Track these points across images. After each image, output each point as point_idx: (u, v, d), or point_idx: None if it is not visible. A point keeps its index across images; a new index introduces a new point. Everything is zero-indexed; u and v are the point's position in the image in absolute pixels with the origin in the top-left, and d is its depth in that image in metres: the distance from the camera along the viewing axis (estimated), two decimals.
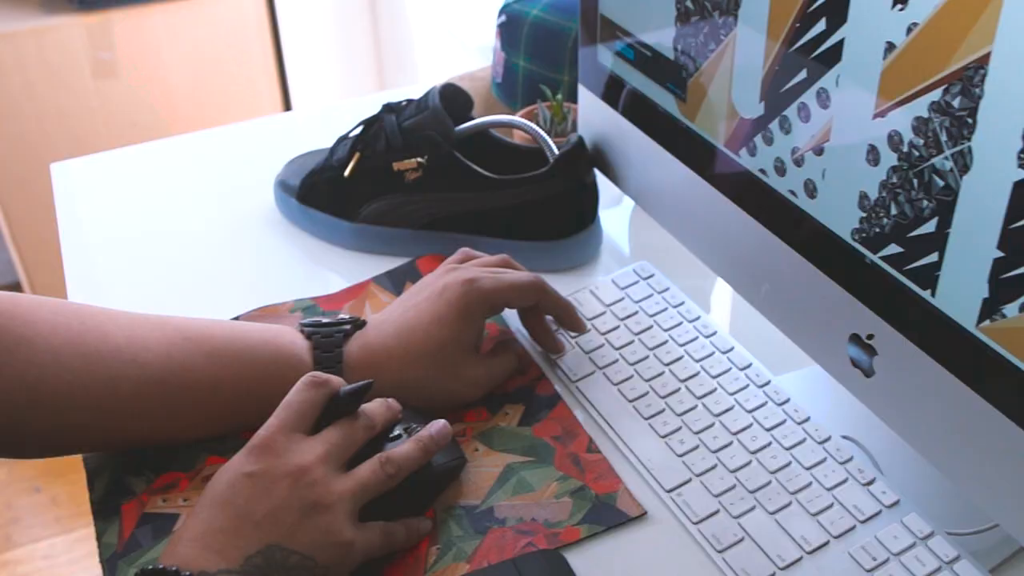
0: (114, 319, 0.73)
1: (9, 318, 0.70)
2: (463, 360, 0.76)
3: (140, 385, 0.71)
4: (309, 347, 0.74)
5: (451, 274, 0.77)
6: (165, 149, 1.15)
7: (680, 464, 0.72)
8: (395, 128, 0.90)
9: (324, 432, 0.66)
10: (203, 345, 0.73)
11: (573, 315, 0.80)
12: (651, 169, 0.84)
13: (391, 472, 0.66)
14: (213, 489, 0.63)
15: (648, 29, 0.79)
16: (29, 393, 0.69)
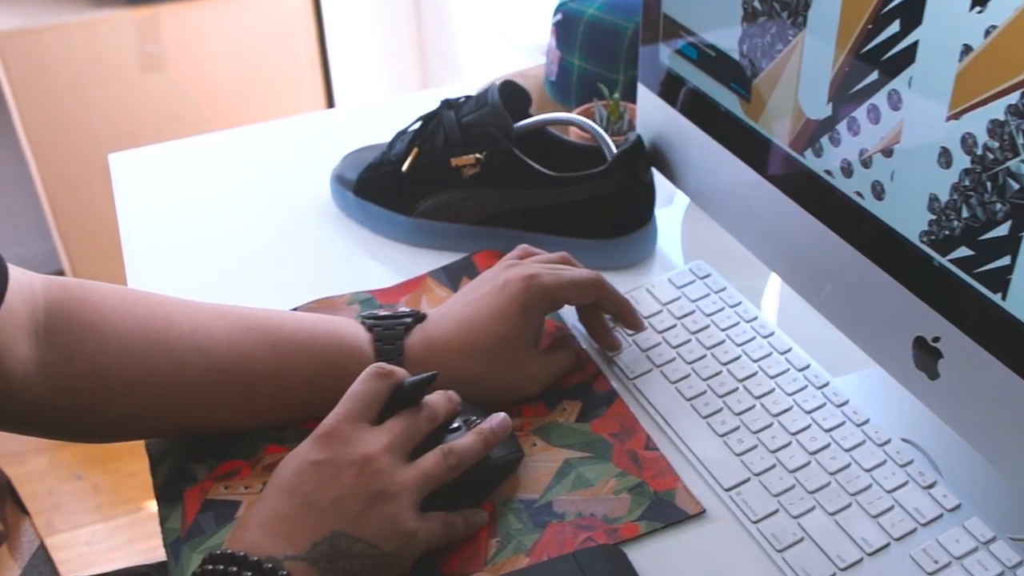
0: (180, 308, 0.74)
1: (80, 304, 0.72)
2: (522, 355, 0.76)
3: (205, 373, 0.72)
4: (371, 339, 0.75)
5: (512, 270, 0.77)
6: (219, 142, 1.16)
7: (738, 463, 0.72)
8: (454, 124, 0.91)
9: (389, 422, 0.66)
10: (267, 335, 0.74)
11: (632, 313, 0.80)
12: (711, 169, 0.84)
13: (453, 463, 0.66)
14: (280, 476, 0.64)
15: (713, 29, 0.79)
16: (99, 379, 0.70)
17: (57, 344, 0.70)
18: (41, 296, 0.72)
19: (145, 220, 1.03)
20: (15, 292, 0.69)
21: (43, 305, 0.71)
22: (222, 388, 0.73)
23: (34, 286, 0.72)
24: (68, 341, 0.70)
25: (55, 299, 0.72)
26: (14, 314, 0.69)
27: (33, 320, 0.70)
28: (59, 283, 0.73)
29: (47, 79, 2.17)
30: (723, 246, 0.92)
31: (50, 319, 0.71)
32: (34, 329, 0.70)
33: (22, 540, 0.61)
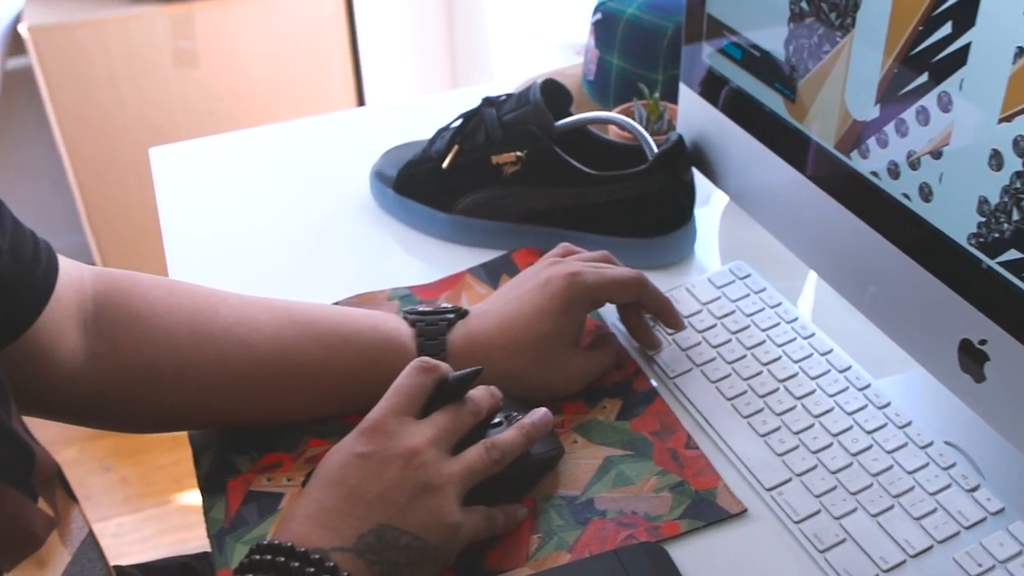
0: (225, 300, 0.75)
1: (128, 295, 0.72)
2: (563, 353, 0.76)
3: (249, 366, 0.73)
4: (413, 334, 0.76)
5: (554, 268, 0.78)
6: (256, 137, 1.17)
7: (780, 463, 0.72)
8: (495, 121, 0.91)
9: (433, 416, 0.67)
10: (310, 328, 0.74)
11: (673, 312, 0.81)
12: (753, 169, 0.84)
13: (496, 458, 0.67)
14: (325, 469, 0.64)
15: (758, 29, 0.79)
16: (144, 369, 0.71)
17: (104, 334, 0.71)
18: (90, 287, 0.72)
19: (185, 213, 1.04)
20: (64, 283, 0.70)
21: (91, 296, 0.72)
22: (265, 381, 0.73)
23: (83, 277, 0.73)
24: (115, 331, 0.71)
25: (103, 290, 0.73)
26: (64, 305, 0.69)
27: (82, 311, 0.71)
28: (107, 274, 0.74)
29: (81, 74, 2.19)
30: (760, 246, 0.92)
31: (98, 309, 0.72)
32: (83, 319, 0.71)
33: (72, 527, 0.62)
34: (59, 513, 0.60)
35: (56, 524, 0.60)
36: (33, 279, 0.67)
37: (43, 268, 0.68)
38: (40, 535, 0.58)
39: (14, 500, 0.56)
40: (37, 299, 0.67)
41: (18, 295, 0.66)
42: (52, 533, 0.59)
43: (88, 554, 0.63)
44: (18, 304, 0.66)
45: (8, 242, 0.66)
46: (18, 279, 0.66)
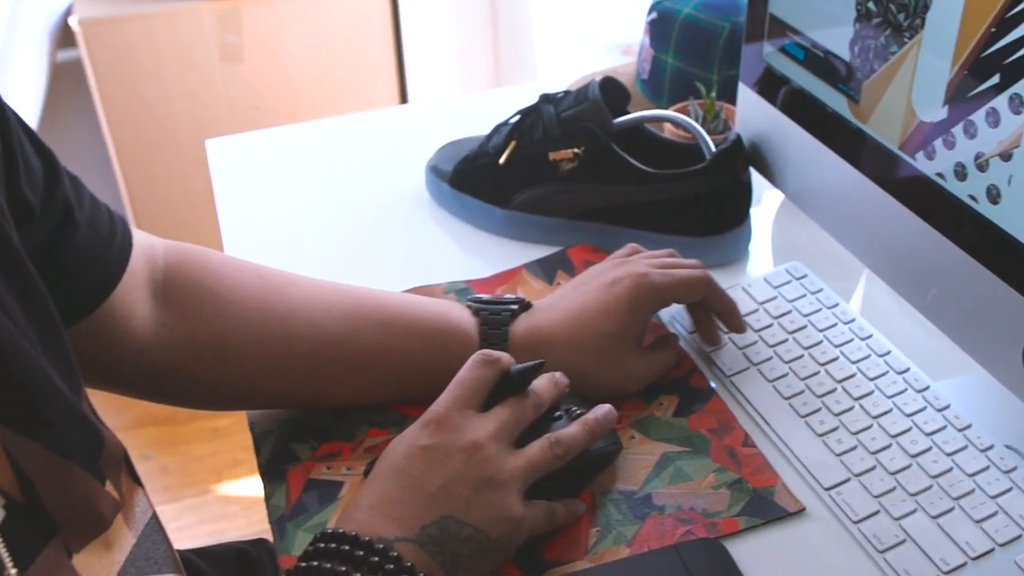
0: (293, 281, 0.76)
1: (199, 268, 0.74)
2: (625, 353, 0.76)
3: (315, 346, 0.74)
4: (477, 323, 0.76)
5: (621, 268, 0.78)
6: (310, 131, 1.18)
7: (838, 463, 0.72)
8: (553, 118, 0.92)
9: (496, 409, 0.67)
10: (376, 313, 0.75)
11: (736, 315, 0.81)
12: (813, 169, 0.84)
13: (559, 453, 0.67)
14: (389, 459, 0.65)
15: (822, 29, 0.79)
16: (212, 342, 0.73)
17: (174, 306, 0.73)
18: (161, 258, 0.74)
19: (242, 205, 1.05)
20: (137, 255, 0.71)
21: (163, 267, 0.74)
22: (330, 361, 0.74)
23: (154, 248, 0.74)
24: (185, 303, 0.73)
25: (174, 261, 0.74)
26: (137, 277, 0.71)
27: (153, 282, 0.73)
28: (178, 247, 0.76)
29: (129, 67, 2.21)
30: (814, 246, 0.92)
31: (168, 281, 0.73)
32: (153, 291, 0.72)
33: (136, 510, 0.63)
34: (124, 496, 0.61)
35: (121, 507, 0.61)
36: (110, 253, 0.69)
37: (119, 242, 0.70)
38: (108, 517, 0.59)
39: (84, 482, 0.57)
40: (114, 272, 0.69)
41: (97, 268, 0.68)
42: (118, 516, 0.60)
43: (152, 536, 0.63)
44: (97, 277, 0.68)
45: (87, 217, 0.67)
46: (97, 253, 0.68)
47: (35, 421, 0.53)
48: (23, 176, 0.61)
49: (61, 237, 0.65)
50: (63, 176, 0.66)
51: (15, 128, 0.62)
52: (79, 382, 0.58)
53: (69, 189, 0.67)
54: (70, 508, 0.55)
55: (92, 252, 0.67)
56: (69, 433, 0.55)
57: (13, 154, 0.60)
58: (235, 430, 2.22)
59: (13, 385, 0.51)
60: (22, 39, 2.05)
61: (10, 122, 0.61)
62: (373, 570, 0.58)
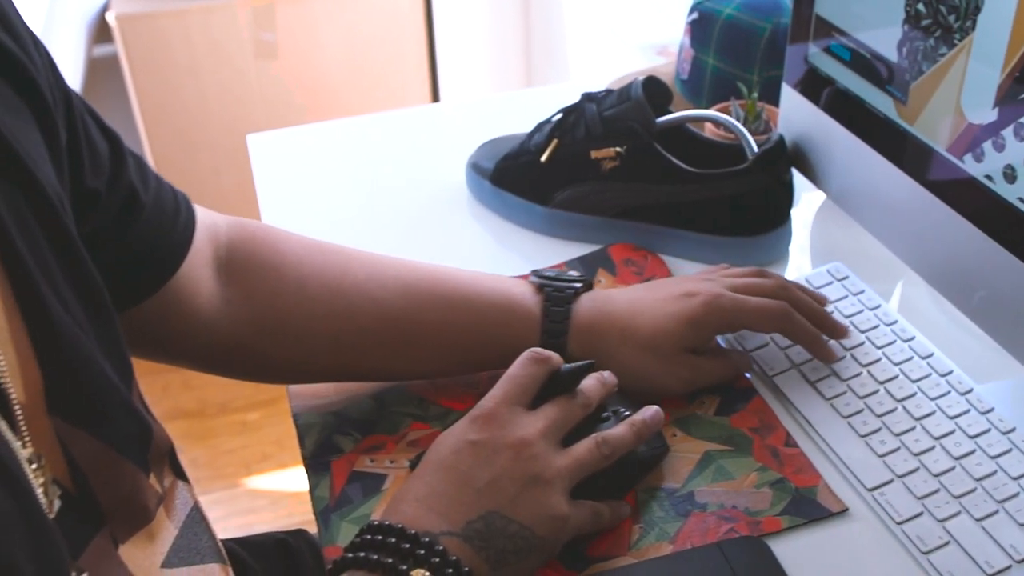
0: (355, 256, 0.77)
1: (261, 244, 0.75)
2: (678, 356, 0.76)
3: (376, 321, 0.75)
4: (540, 301, 0.76)
5: (700, 283, 0.77)
6: (350, 127, 1.19)
7: (881, 464, 0.72)
8: (595, 117, 0.92)
9: (544, 408, 0.67)
10: (437, 288, 0.76)
11: (821, 346, 0.78)
12: (857, 171, 0.84)
13: (606, 453, 0.67)
14: (437, 453, 0.65)
15: (870, 30, 0.79)
16: (276, 318, 0.74)
17: (238, 282, 0.74)
18: (224, 235, 0.75)
19: (283, 199, 1.05)
20: (201, 233, 0.73)
21: (226, 244, 0.75)
22: (391, 336, 0.75)
23: (217, 225, 0.75)
24: (248, 280, 0.74)
25: (237, 238, 0.75)
26: (201, 254, 0.72)
27: (216, 259, 0.74)
28: (241, 223, 0.77)
29: (164, 62, 2.23)
30: (854, 248, 0.92)
31: (232, 258, 0.74)
32: (217, 267, 0.74)
33: (176, 502, 0.63)
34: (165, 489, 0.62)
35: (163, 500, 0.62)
36: (174, 232, 0.70)
37: (183, 220, 0.71)
38: (152, 509, 0.60)
39: (133, 474, 0.58)
40: (178, 250, 0.70)
41: (162, 248, 0.69)
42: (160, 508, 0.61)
43: (194, 528, 0.64)
44: (162, 256, 0.69)
45: (151, 197, 0.69)
46: (162, 232, 0.69)
47: (89, 413, 0.54)
48: (87, 164, 0.62)
49: (127, 218, 0.66)
50: (128, 157, 0.67)
51: (79, 114, 0.63)
52: (131, 374, 0.59)
53: (134, 170, 0.68)
54: (118, 500, 0.56)
55: (157, 232, 0.69)
56: (121, 426, 0.56)
57: (78, 144, 0.61)
58: (264, 424, 2.23)
59: (70, 378, 0.52)
60: (60, 34, 2.07)
61: (75, 110, 0.62)
62: (419, 563, 0.58)
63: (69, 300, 0.53)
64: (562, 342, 0.75)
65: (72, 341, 0.52)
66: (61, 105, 0.59)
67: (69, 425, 0.52)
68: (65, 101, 0.60)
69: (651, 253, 0.93)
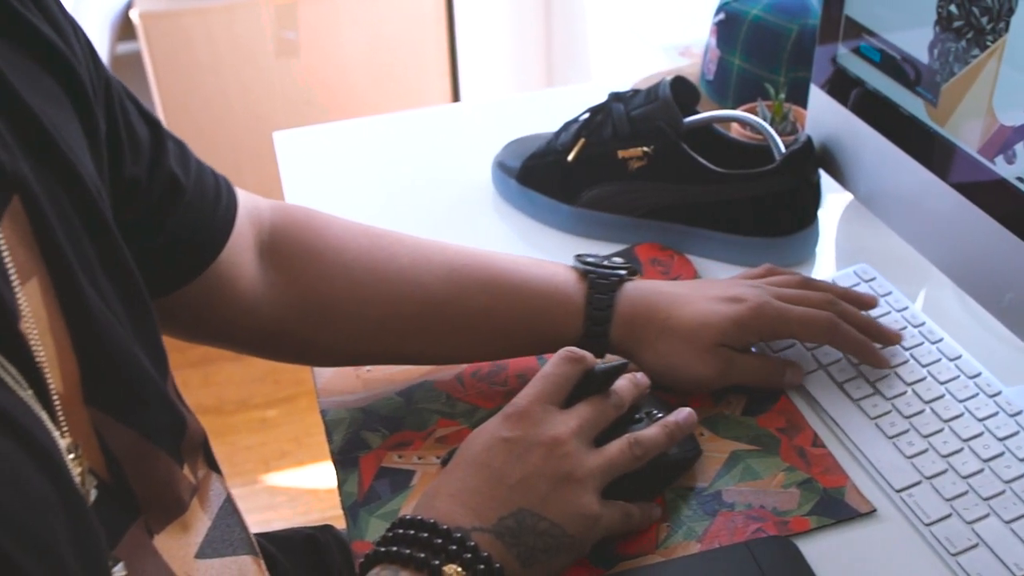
0: (400, 240, 0.77)
1: (305, 229, 0.75)
2: (716, 349, 0.75)
3: (422, 307, 0.75)
4: (584, 288, 0.76)
5: (749, 289, 0.76)
6: (377, 125, 1.19)
7: (909, 466, 0.72)
8: (623, 116, 0.92)
9: (577, 407, 0.68)
10: (482, 273, 0.76)
11: (871, 354, 0.77)
12: (885, 172, 0.84)
13: (638, 454, 0.67)
14: (469, 450, 0.65)
15: (900, 31, 0.79)
16: (320, 303, 0.74)
17: (281, 267, 0.74)
18: (267, 220, 0.75)
19: (307, 196, 1.06)
20: (243, 217, 0.73)
21: (268, 228, 0.75)
22: (435, 321, 0.75)
23: (259, 209, 0.76)
24: (292, 264, 0.74)
25: (280, 222, 0.76)
26: (244, 238, 0.73)
27: (259, 243, 0.74)
28: (284, 207, 0.77)
29: (187, 60, 2.24)
30: (880, 249, 0.92)
31: (275, 242, 0.75)
32: (260, 252, 0.74)
33: (210, 493, 0.64)
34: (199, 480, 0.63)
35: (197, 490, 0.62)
36: (216, 216, 0.70)
37: (224, 204, 0.71)
38: (186, 500, 0.60)
39: (167, 465, 0.58)
40: (220, 235, 0.71)
41: (203, 232, 0.70)
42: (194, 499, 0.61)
43: (227, 519, 0.65)
44: (204, 240, 0.70)
45: (192, 182, 0.69)
46: (203, 217, 0.70)
47: (125, 404, 0.54)
48: (127, 152, 0.62)
49: (168, 204, 0.67)
50: (168, 142, 0.68)
51: (119, 100, 0.63)
52: (166, 365, 0.60)
53: (174, 155, 0.68)
54: (153, 490, 0.56)
55: (198, 216, 0.69)
56: (156, 416, 0.57)
57: (117, 132, 0.61)
58: (282, 421, 2.24)
59: (107, 368, 0.53)
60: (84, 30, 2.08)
61: (114, 98, 0.62)
62: (451, 558, 0.58)
63: (106, 291, 0.53)
64: (604, 330, 0.75)
65: (109, 332, 0.52)
66: (101, 94, 0.60)
67: (105, 415, 0.52)
68: (105, 89, 0.61)
69: (677, 253, 0.93)
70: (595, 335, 0.75)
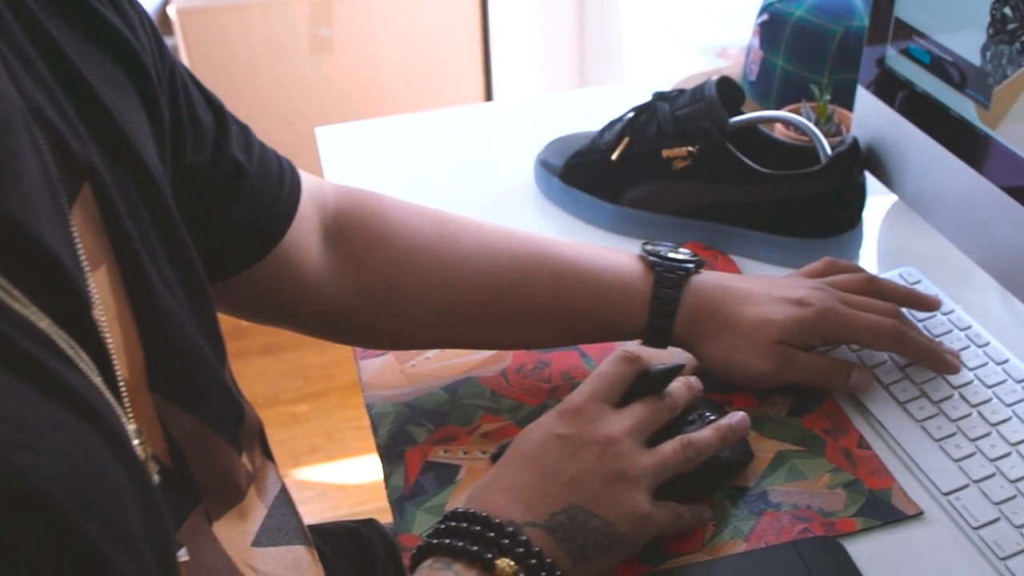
0: (466, 227, 0.77)
1: (370, 214, 0.76)
2: (775, 346, 0.74)
3: (484, 294, 0.75)
4: (650, 281, 0.76)
5: (816, 292, 0.75)
6: (418, 122, 1.19)
7: (956, 469, 0.71)
8: (668, 116, 0.92)
9: (632, 407, 0.68)
10: (546, 262, 0.76)
11: (939, 360, 0.76)
12: (934, 175, 0.84)
13: (691, 456, 0.67)
14: (523, 445, 0.65)
15: (952, 33, 0.79)
16: (384, 287, 0.75)
17: (345, 251, 0.75)
18: (332, 203, 0.76)
19: None
20: (307, 200, 0.73)
21: (333, 212, 0.76)
22: (498, 309, 0.76)
23: (324, 192, 0.76)
24: (356, 249, 0.75)
25: (345, 207, 0.76)
26: (308, 220, 0.73)
27: (324, 227, 0.75)
28: (349, 191, 0.77)
29: (223, 56, 2.25)
30: (924, 251, 0.91)
31: (339, 226, 0.75)
32: (324, 235, 0.75)
33: (266, 482, 0.65)
34: (256, 468, 0.63)
35: (254, 478, 0.63)
36: (280, 199, 0.71)
37: (288, 188, 0.72)
38: (243, 488, 0.61)
39: (226, 453, 0.59)
40: (283, 218, 0.71)
41: (268, 215, 0.70)
42: (251, 487, 0.62)
43: (282, 508, 0.65)
44: (267, 224, 0.70)
45: (256, 166, 0.69)
46: (267, 201, 0.70)
47: (187, 391, 0.55)
48: (190, 140, 0.63)
49: (231, 189, 0.67)
50: (231, 127, 0.68)
51: (182, 87, 0.63)
52: (224, 354, 0.60)
53: (238, 140, 0.69)
54: (212, 477, 0.57)
55: (262, 201, 0.70)
56: (216, 404, 0.57)
57: (180, 120, 0.62)
58: (312, 416, 2.25)
59: (171, 356, 0.53)
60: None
61: (179, 87, 0.63)
62: (503, 552, 0.59)
63: (170, 280, 0.54)
64: (669, 324, 0.75)
65: (173, 320, 0.53)
66: (166, 82, 0.60)
67: (168, 402, 0.53)
68: (169, 76, 0.61)
69: (721, 253, 0.93)
70: (659, 329, 0.75)
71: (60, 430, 0.38)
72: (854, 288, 0.78)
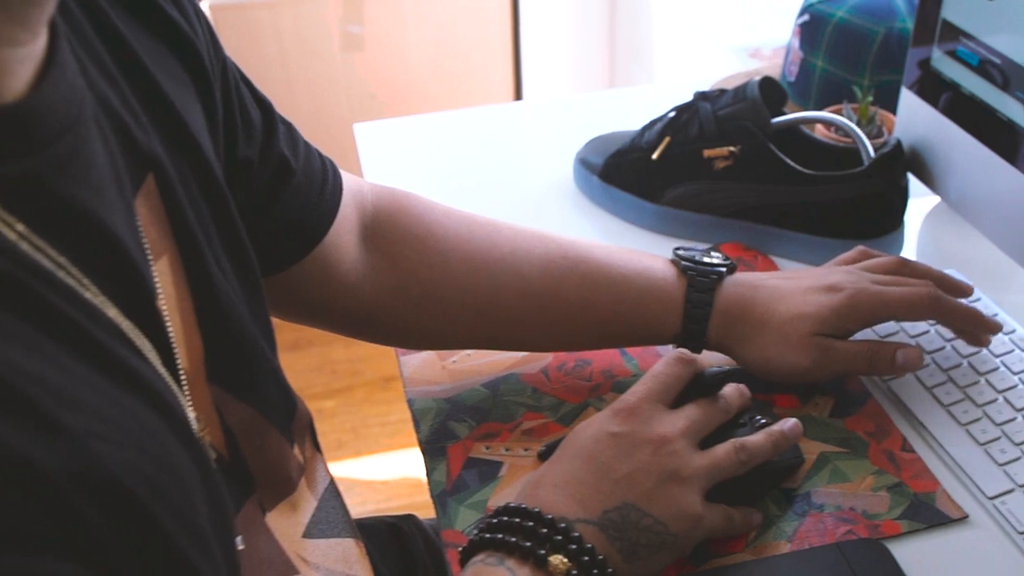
0: (500, 229, 0.78)
1: (406, 214, 0.76)
2: (812, 339, 0.74)
3: (518, 296, 0.76)
4: (683, 285, 0.76)
5: (845, 276, 0.75)
6: (456, 120, 1.20)
7: (1001, 473, 0.71)
8: (710, 116, 0.92)
9: (686, 408, 0.68)
10: (580, 265, 0.76)
11: (979, 325, 0.76)
12: (980, 177, 0.83)
13: (744, 459, 0.67)
14: (576, 442, 0.66)
15: (1001, 35, 0.78)
16: (419, 288, 0.75)
17: (382, 251, 0.75)
18: (370, 203, 0.76)
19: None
20: (347, 199, 0.74)
21: (371, 212, 0.76)
22: (532, 311, 0.76)
23: (363, 192, 0.77)
24: (392, 249, 0.75)
25: (383, 207, 0.76)
26: (348, 220, 0.74)
27: (362, 227, 0.75)
28: (387, 192, 0.78)
29: (255, 52, 2.26)
30: (966, 253, 0.91)
31: (377, 226, 0.76)
32: (363, 235, 0.75)
33: (316, 475, 0.65)
34: (306, 460, 0.64)
35: (305, 471, 0.63)
36: (322, 198, 0.71)
37: (330, 187, 0.72)
38: (295, 479, 0.61)
39: (279, 444, 0.59)
40: (326, 217, 0.71)
41: (310, 214, 0.70)
42: (302, 479, 0.62)
43: (331, 501, 0.66)
44: (310, 222, 0.71)
45: (301, 164, 0.70)
46: (310, 199, 0.70)
47: (243, 382, 0.55)
48: (241, 134, 0.63)
49: (277, 186, 0.68)
50: (279, 125, 0.69)
51: (234, 82, 0.64)
52: (275, 344, 0.61)
53: (284, 137, 0.69)
54: (266, 468, 0.57)
55: (306, 198, 0.70)
56: (270, 395, 0.58)
57: (232, 114, 0.62)
58: (339, 412, 2.26)
59: (228, 346, 0.54)
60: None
61: (231, 81, 0.63)
62: (556, 548, 0.58)
63: (227, 270, 0.54)
64: (702, 328, 0.75)
65: (231, 311, 0.53)
66: (219, 76, 0.61)
67: (224, 392, 0.53)
68: (222, 71, 0.62)
69: (761, 254, 0.93)
70: (693, 333, 0.75)
71: (134, 420, 0.39)
72: (886, 269, 0.78)
